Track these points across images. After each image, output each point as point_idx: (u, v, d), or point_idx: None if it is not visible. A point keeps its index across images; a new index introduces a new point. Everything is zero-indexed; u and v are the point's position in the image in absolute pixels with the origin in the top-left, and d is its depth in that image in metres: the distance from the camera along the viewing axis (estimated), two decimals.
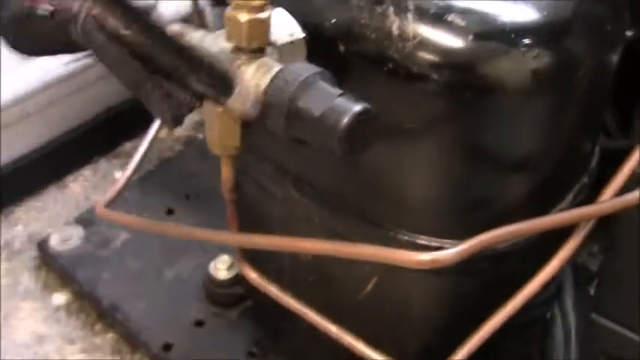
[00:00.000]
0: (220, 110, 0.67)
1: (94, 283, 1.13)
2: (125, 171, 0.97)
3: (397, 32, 0.67)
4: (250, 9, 0.63)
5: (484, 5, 0.68)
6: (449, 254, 0.68)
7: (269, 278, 0.89)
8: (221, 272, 1.09)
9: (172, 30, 0.70)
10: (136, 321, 1.08)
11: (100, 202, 0.94)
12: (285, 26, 0.69)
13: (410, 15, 0.67)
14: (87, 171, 1.36)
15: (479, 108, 0.69)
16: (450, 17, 0.67)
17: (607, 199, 0.74)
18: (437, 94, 0.68)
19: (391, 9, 0.67)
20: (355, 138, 0.59)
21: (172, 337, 1.06)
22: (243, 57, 0.65)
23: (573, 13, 0.71)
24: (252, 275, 0.86)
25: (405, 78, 0.67)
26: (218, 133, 0.70)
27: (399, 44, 0.67)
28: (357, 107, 0.59)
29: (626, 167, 0.74)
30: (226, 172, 0.77)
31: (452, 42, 0.66)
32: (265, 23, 0.64)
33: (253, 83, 0.63)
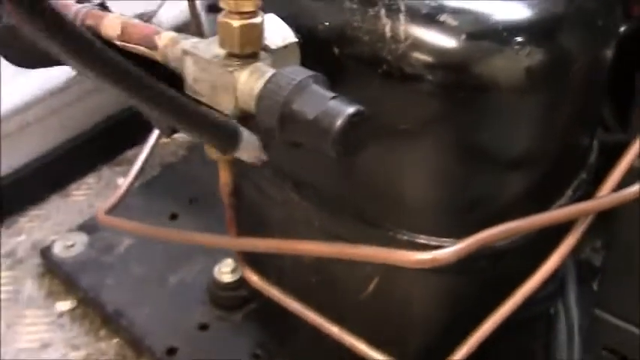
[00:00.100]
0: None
1: (98, 289, 1.14)
2: (126, 178, 0.97)
3: (390, 34, 0.67)
4: (242, 15, 0.64)
5: (476, 4, 0.68)
6: (447, 253, 0.68)
7: (271, 281, 0.89)
8: (225, 275, 1.10)
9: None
10: (141, 326, 1.09)
11: (102, 209, 0.94)
12: (277, 31, 0.69)
13: (402, 16, 0.67)
14: (90, 179, 1.36)
15: (473, 107, 0.69)
16: (442, 17, 0.67)
17: (605, 194, 0.74)
18: (431, 95, 0.68)
19: (383, 11, 0.68)
20: (349, 140, 0.59)
21: (177, 341, 1.06)
22: (236, 63, 0.65)
23: (565, 10, 0.71)
24: (253, 278, 0.87)
25: (399, 79, 0.68)
26: None
27: (392, 46, 0.67)
28: (351, 109, 0.59)
29: (623, 161, 0.74)
30: (224, 177, 0.78)
31: (444, 42, 0.67)
32: (258, 28, 0.65)
33: (247, 88, 0.64)
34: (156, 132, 1.01)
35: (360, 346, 0.81)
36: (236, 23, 0.64)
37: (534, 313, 0.94)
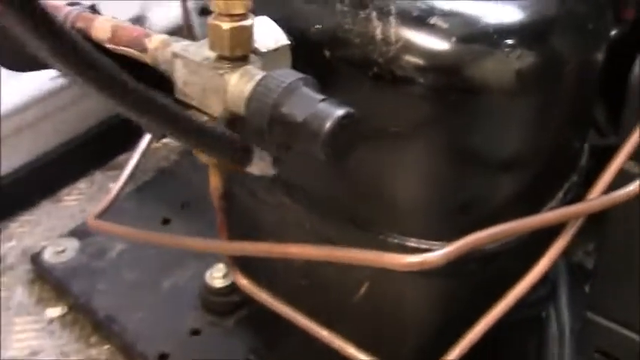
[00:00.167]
0: (205, 119, 0.67)
1: (90, 295, 1.13)
2: (117, 182, 0.97)
3: (381, 36, 0.67)
4: (232, 17, 0.63)
5: (466, 7, 0.68)
6: (437, 256, 0.68)
7: (262, 284, 0.89)
8: (217, 281, 1.09)
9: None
10: (132, 331, 1.08)
11: (92, 214, 0.94)
12: (268, 33, 0.69)
13: (393, 19, 0.67)
14: (82, 184, 1.36)
15: (464, 110, 0.69)
16: (433, 20, 0.67)
17: (595, 197, 0.74)
18: (422, 97, 0.68)
19: (374, 13, 0.68)
20: (338, 142, 0.59)
21: (168, 347, 1.06)
22: (226, 65, 0.65)
23: (556, 13, 0.71)
24: (244, 282, 0.86)
25: (390, 82, 0.68)
26: None
27: (383, 48, 0.67)
28: (340, 112, 0.59)
29: (614, 164, 0.74)
30: (215, 181, 0.77)
31: (435, 45, 0.67)
32: (248, 31, 0.65)
33: (237, 91, 0.64)
34: (147, 137, 1.01)
35: (350, 350, 0.81)
36: (226, 26, 0.63)
37: (526, 316, 0.94)
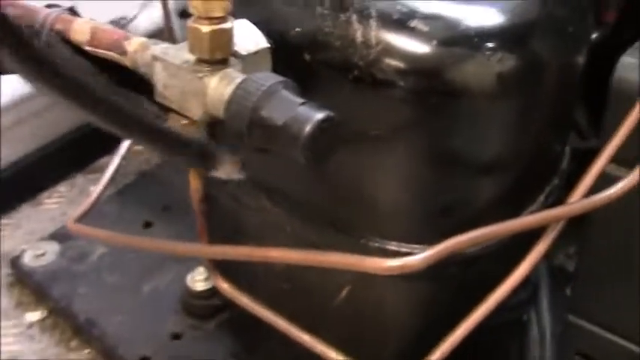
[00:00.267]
0: (185, 122, 0.67)
1: (70, 299, 1.12)
2: (97, 185, 0.96)
3: (361, 39, 0.67)
4: (212, 20, 0.63)
5: (447, 10, 0.68)
6: (417, 260, 0.68)
7: (244, 288, 0.88)
8: (198, 284, 1.09)
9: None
10: (113, 336, 1.08)
11: (72, 217, 0.93)
12: (249, 36, 0.69)
13: (373, 22, 0.67)
14: (63, 187, 1.35)
15: (445, 113, 0.69)
16: (413, 23, 0.67)
17: (576, 200, 0.74)
18: (402, 100, 0.68)
19: (354, 16, 0.67)
20: (318, 146, 0.59)
21: (149, 351, 1.05)
22: (206, 68, 0.64)
23: (537, 16, 0.71)
24: (224, 286, 0.86)
25: (371, 85, 0.68)
26: None
27: (364, 51, 0.67)
28: (320, 115, 0.59)
29: (595, 167, 0.74)
30: (195, 183, 0.77)
31: (416, 48, 0.67)
32: (227, 34, 0.64)
33: (217, 94, 0.63)
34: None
35: (331, 354, 0.80)
36: (205, 29, 0.63)
37: (507, 319, 0.94)
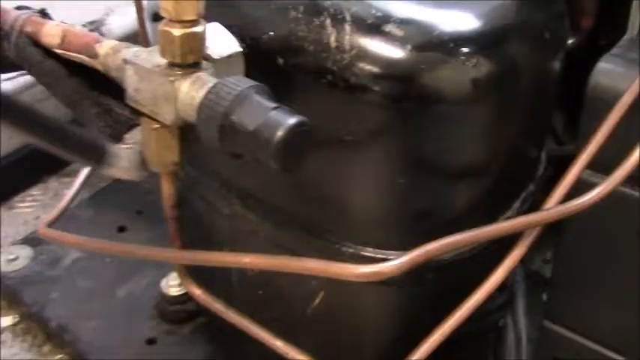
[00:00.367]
0: (156, 126, 0.66)
1: (42, 304, 1.11)
2: (69, 190, 0.95)
3: (335, 44, 0.66)
4: (183, 23, 0.62)
5: (422, 14, 0.68)
6: (391, 266, 0.67)
7: (218, 294, 0.87)
8: (173, 289, 1.08)
9: None
10: (86, 341, 1.06)
11: (44, 222, 0.92)
12: (221, 40, 0.68)
13: (347, 26, 0.66)
14: (36, 191, 1.33)
15: (420, 118, 0.68)
16: (388, 28, 0.66)
17: (552, 206, 0.74)
18: (376, 105, 0.67)
19: (328, 21, 0.67)
20: (290, 152, 0.58)
21: (124, 356, 1.04)
22: (177, 72, 0.63)
23: (512, 22, 0.71)
24: (197, 292, 0.85)
25: (345, 90, 0.67)
26: (156, 150, 0.69)
27: (337, 56, 0.66)
28: (292, 120, 0.58)
29: (571, 173, 0.74)
30: (167, 188, 0.76)
31: (390, 52, 0.66)
32: (199, 37, 0.63)
33: (188, 98, 0.62)
34: None
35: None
36: (177, 32, 0.62)
37: (484, 325, 0.94)
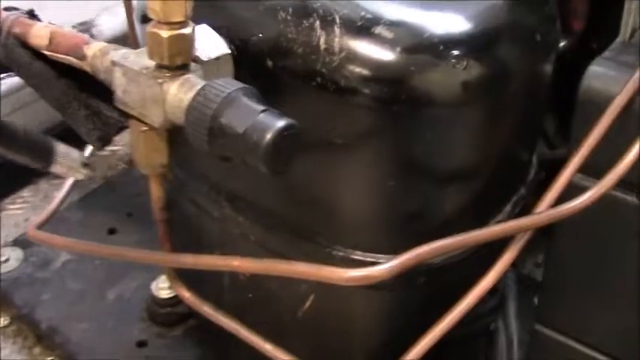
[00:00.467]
0: (144, 128, 0.66)
1: (33, 306, 1.11)
2: (59, 192, 0.94)
3: (324, 46, 0.66)
4: (171, 25, 0.62)
5: (412, 16, 0.67)
6: (380, 270, 0.66)
7: (209, 297, 0.87)
8: (162, 292, 1.07)
9: None
10: (76, 343, 1.06)
11: (33, 224, 0.92)
12: (210, 42, 0.68)
13: (336, 28, 0.66)
14: (26, 192, 1.33)
15: (409, 121, 0.68)
16: (377, 30, 0.66)
17: (543, 210, 0.73)
18: (366, 108, 0.67)
19: (317, 22, 0.67)
20: (279, 154, 0.58)
21: (114, 359, 1.03)
22: (166, 74, 0.63)
23: (503, 24, 0.71)
24: (186, 295, 0.85)
25: (334, 92, 0.67)
26: (144, 152, 0.69)
27: (327, 58, 0.66)
28: (281, 123, 0.58)
29: (562, 177, 0.73)
30: (156, 191, 0.76)
31: (379, 55, 0.66)
32: (187, 39, 0.63)
33: (176, 100, 0.62)
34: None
35: None
36: (165, 34, 0.62)
37: (475, 329, 0.93)
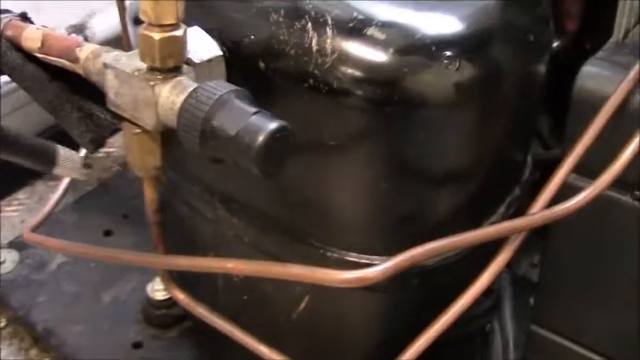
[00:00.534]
0: (137, 130, 0.66)
1: (29, 308, 1.11)
2: (54, 194, 0.94)
3: (316, 47, 0.66)
4: (163, 27, 0.62)
5: (404, 18, 0.67)
6: (374, 272, 0.66)
7: (204, 299, 0.87)
8: (158, 293, 1.07)
9: None
10: (72, 345, 1.06)
11: (28, 227, 0.92)
12: (202, 44, 0.68)
13: (329, 29, 0.66)
14: (22, 194, 1.33)
15: (402, 122, 0.68)
16: (370, 31, 0.66)
17: (537, 211, 0.73)
18: (358, 109, 0.67)
19: (310, 24, 0.66)
20: (272, 156, 0.58)
21: None
22: (158, 77, 0.63)
23: (496, 25, 0.71)
24: (180, 297, 0.85)
25: (326, 94, 0.67)
26: (137, 154, 0.69)
27: (319, 60, 0.66)
28: (273, 125, 0.58)
29: (556, 178, 0.73)
30: (150, 194, 0.76)
31: (372, 56, 0.66)
32: (179, 41, 0.63)
33: (169, 103, 0.62)
34: None
35: None
36: (156, 36, 0.62)
37: (471, 329, 0.93)
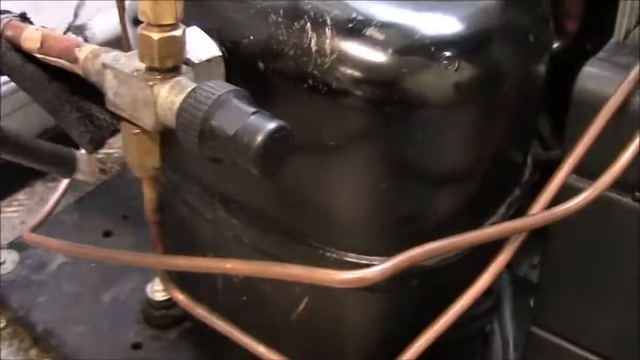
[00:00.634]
0: (136, 131, 0.66)
1: (29, 308, 1.11)
2: (53, 195, 0.94)
3: (315, 48, 0.66)
4: (162, 27, 0.62)
5: (404, 18, 0.67)
6: (374, 272, 0.66)
7: (203, 299, 0.87)
8: (157, 294, 1.07)
9: None
10: (72, 345, 1.06)
11: (28, 227, 0.92)
12: (201, 44, 0.68)
13: (328, 30, 0.66)
14: (22, 195, 1.33)
15: (401, 122, 0.68)
16: (369, 31, 0.66)
17: (537, 212, 0.73)
18: (357, 110, 0.67)
19: (309, 24, 0.66)
20: (270, 156, 0.58)
21: None
22: (157, 77, 0.63)
23: (495, 25, 0.70)
24: (179, 297, 0.85)
25: (326, 94, 0.66)
26: (136, 154, 0.69)
27: (318, 60, 0.66)
28: (272, 125, 0.58)
29: (556, 178, 0.73)
30: (149, 194, 0.76)
31: (371, 57, 0.65)
32: (178, 41, 0.63)
33: (167, 103, 0.62)
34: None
35: None
36: (155, 36, 0.62)
37: (470, 330, 0.93)
